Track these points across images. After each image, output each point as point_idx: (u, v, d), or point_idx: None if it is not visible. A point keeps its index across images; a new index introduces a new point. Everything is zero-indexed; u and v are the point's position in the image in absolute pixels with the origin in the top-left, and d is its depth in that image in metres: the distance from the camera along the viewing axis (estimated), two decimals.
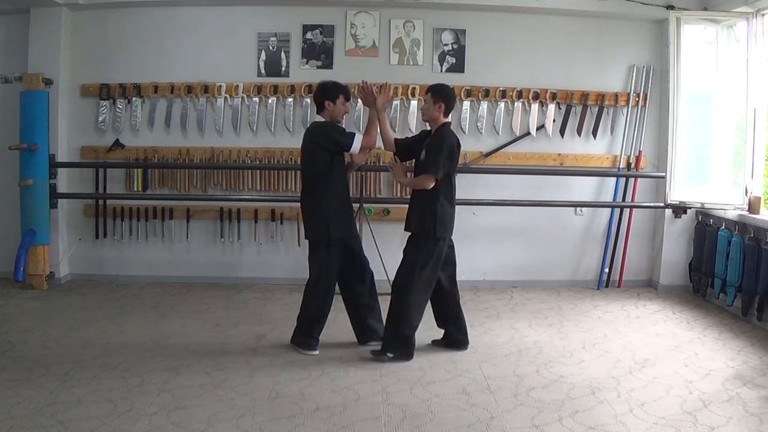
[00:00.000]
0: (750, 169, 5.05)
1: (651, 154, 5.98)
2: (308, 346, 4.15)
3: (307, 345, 4.15)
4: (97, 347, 4.18)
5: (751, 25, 5.00)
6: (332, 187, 4.09)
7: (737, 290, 4.98)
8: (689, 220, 5.80)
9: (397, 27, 5.87)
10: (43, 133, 5.57)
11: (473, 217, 5.94)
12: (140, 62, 5.85)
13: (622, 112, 5.95)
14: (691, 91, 5.51)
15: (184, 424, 3.13)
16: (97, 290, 5.67)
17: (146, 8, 5.86)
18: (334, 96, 4.12)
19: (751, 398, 3.52)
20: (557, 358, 4.15)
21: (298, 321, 4.22)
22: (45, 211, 5.64)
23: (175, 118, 5.90)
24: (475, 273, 6.00)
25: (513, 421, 3.22)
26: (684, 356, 4.20)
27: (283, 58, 5.88)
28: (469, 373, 3.86)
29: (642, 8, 5.66)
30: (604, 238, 6.04)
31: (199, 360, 3.98)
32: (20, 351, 4.08)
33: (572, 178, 5.91)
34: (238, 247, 6.01)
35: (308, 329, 4.16)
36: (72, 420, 3.13)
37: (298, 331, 4.21)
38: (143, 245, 6.00)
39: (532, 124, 5.90)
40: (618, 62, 5.94)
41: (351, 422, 3.19)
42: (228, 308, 5.19)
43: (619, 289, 5.99)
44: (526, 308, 5.32)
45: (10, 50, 5.83)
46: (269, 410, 3.31)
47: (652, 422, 3.22)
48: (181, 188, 5.88)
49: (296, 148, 5.79)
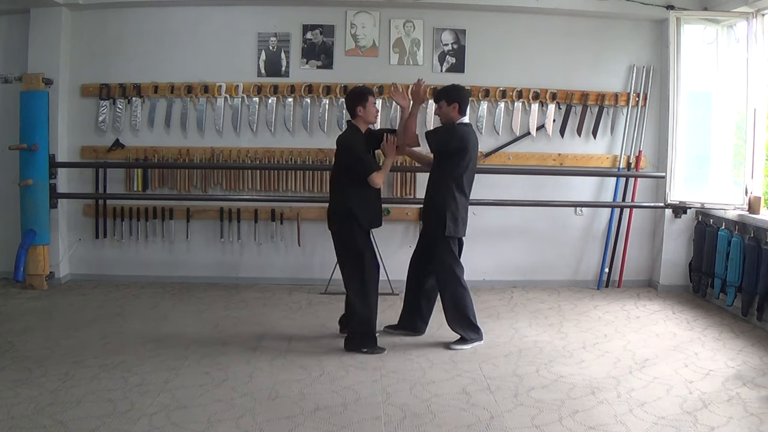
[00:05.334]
0: (750, 169, 5.05)
1: (651, 154, 5.98)
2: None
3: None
4: (97, 347, 4.18)
5: (751, 25, 5.00)
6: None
7: (737, 290, 4.98)
8: (689, 220, 5.80)
9: (397, 27, 5.87)
10: (43, 133, 5.57)
11: (473, 217, 5.91)
12: (140, 62, 5.85)
13: (622, 112, 5.95)
14: (691, 90, 5.52)
15: (184, 424, 3.13)
16: (97, 290, 5.67)
17: (146, 8, 5.86)
18: (364, 100, 4.18)
19: (751, 398, 3.52)
20: (557, 358, 4.15)
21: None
22: (45, 211, 5.64)
23: (175, 118, 5.90)
24: (475, 273, 5.98)
25: (513, 421, 3.22)
26: (684, 356, 4.20)
27: (283, 58, 5.88)
28: (469, 373, 3.86)
29: (642, 8, 5.66)
30: (604, 238, 6.04)
31: (199, 360, 3.98)
32: (20, 351, 4.08)
33: (572, 178, 5.91)
34: (238, 247, 6.01)
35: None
36: (72, 420, 3.13)
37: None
38: (143, 245, 6.00)
39: (532, 124, 5.90)
40: (618, 62, 5.94)
41: (351, 422, 3.19)
42: (228, 308, 5.19)
43: (619, 289, 5.99)
44: (526, 308, 5.32)
45: (10, 50, 5.83)
46: (269, 410, 3.31)
47: (652, 422, 3.22)
48: (181, 188, 5.88)
49: (296, 148, 5.85)
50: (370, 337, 4.17)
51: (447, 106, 4.23)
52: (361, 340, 4.15)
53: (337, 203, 4.21)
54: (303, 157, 5.84)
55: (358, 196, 4.13)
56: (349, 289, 4.21)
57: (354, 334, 4.18)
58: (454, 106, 4.21)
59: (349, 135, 4.20)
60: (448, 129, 4.26)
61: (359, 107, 4.17)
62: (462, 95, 4.29)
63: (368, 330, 4.16)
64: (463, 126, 4.26)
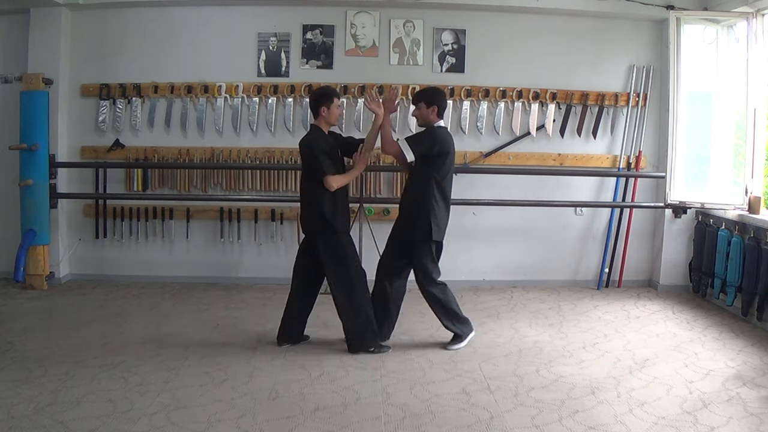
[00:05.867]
0: (750, 168, 5.05)
1: (651, 154, 5.98)
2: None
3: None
4: (97, 347, 4.18)
5: (751, 25, 5.00)
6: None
7: (737, 290, 4.98)
8: (689, 220, 5.80)
9: (397, 27, 5.87)
10: (43, 133, 5.58)
11: (473, 217, 5.94)
12: (140, 62, 5.85)
13: (622, 112, 5.95)
14: (691, 90, 5.51)
15: (184, 424, 3.13)
16: (97, 290, 5.67)
17: (146, 8, 5.86)
18: (328, 101, 4.13)
19: (751, 398, 3.52)
20: (557, 358, 4.15)
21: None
22: (45, 211, 5.64)
23: (175, 118, 5.90)
24: (475, 273, 6.01)
25: (513, 421, 3.22)
26: (684, 356, 4.20)
27: (283, 58, 5.88)
28: (469, 373, 3.86)
29: (642, 8, 5.66)
30: (604, 238, 6.04)
31: (199, 360, 3.98)
32: (20, 351, 4.08)
33: (572, 178, 5.91)
34: (238, 247, 6.01)
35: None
36: (72, 420, 3.14)
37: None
38: (143, 245, 6.00)
39: (532, 124, 5.90)
40: (618, 62, 5.94)
41: (351, 422, 3.19)
42: (228, 308, 5.19)
43: (619, 289, 5.99)
44: (526, 308, 5.32)
45: (10, 50, 5.83)
46: (269, 410, 3.31)
47: (652, 422, 3.22)
48: (181, 188, 5.88)
49: (296, 148, 5.78)
50: (375, 335, 4.17)
51: (426, 108, 4.18)
52: (366, 340, 4.14)
53: (309, 212, 4.13)
54: None
55: (329, 200, 4.05)
56: (339, 293, 4.14)
57: (356, 335, 4.16)
58: (433, 108, 4.17)
59: (308, 136, 4.16)
60: (429, 133, 4.21)
61: (323, 107, 4.11)
62: (442, 98, 4.25)
63: (372, 328, 4.15)
64: (442, 129, 4.25)
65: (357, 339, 4.15)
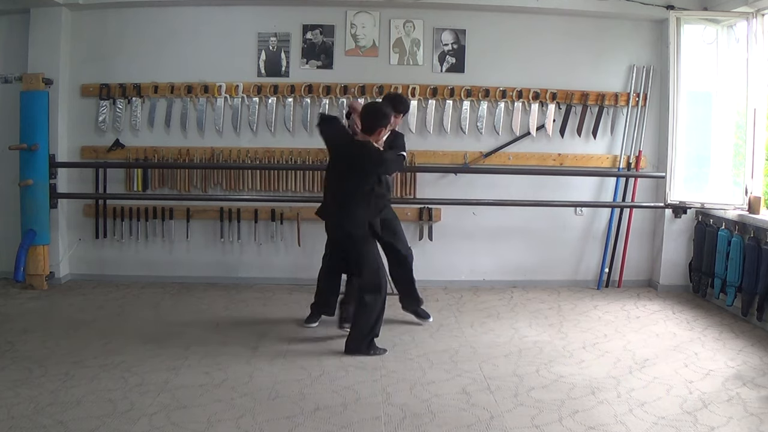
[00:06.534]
0: (750, 168, 5.04)
1: (651, 154, 5.98)
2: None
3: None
4: (97, 347, 4.18)
5: (751, 25, 5.00)
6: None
7: (737, 290, 4.98)
8: (689, 220, 5.80)
9: (397, 27, 5.87)
10: (43, 133, 5.57)
11: (473, 217, 5.94)
12: (140, 62, 5.85)
13: (622, 112, 5.95)
14: (691, 90, 5.51)
15: (184, 424, 3.13)
16: (97, 290, 5.67)
17: (146, 8, 5.85)
18: (387, 123, 4.15)
19: (751, 398, 3.52)
20: (557, 358, 4.15)
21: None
22: (45, 211, 5.64)
23: (175, 118, 5.90)
24: (475, 273, 6.01)
25: (513, 421, 3.22)
26: (684, 356, 4.20)
27: (283, 58, 5.88)
28: (469, 373, 3.86)
29: (642, 8, 5.65)
30: (604, 238, 6.04)
31: (199, 360, 3.98)
32: (20, 351, 4.08)
33: (572, 178, 5.90)
34: (238, 247, 6.01)
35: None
36: (72, 420, 3.14)
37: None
38: (143, 245, 6.00)
39: (532, 124, 5.90)
40: (618, 62, 5.93)
41: (351, 422, 3.19)
42: (228, 308, 5.19)
43: (619, 289, 5.99)
44: (526, 308, 5.32)
45: (10, 50, 5.83)
46: (269, 410, 3.31)
47: (652, 422, 3.22)
48: (181, 188, 5.87)
49: (296, 148, 5.85)
50: (371, 345, 4.16)
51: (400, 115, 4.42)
52: (362, 348, 4.12)
53: (355, 214, 4.13)
54: (303, 157, 5.84)
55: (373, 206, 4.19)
56: (366, 293, 4.15)
57: (358, 336, 4.16)
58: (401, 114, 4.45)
59: (376, 151, 4.15)
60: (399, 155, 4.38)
61: (381, 128, 4.12)
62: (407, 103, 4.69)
63: (375, 333, 4.16)
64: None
65: (358, 340, 4.14)
